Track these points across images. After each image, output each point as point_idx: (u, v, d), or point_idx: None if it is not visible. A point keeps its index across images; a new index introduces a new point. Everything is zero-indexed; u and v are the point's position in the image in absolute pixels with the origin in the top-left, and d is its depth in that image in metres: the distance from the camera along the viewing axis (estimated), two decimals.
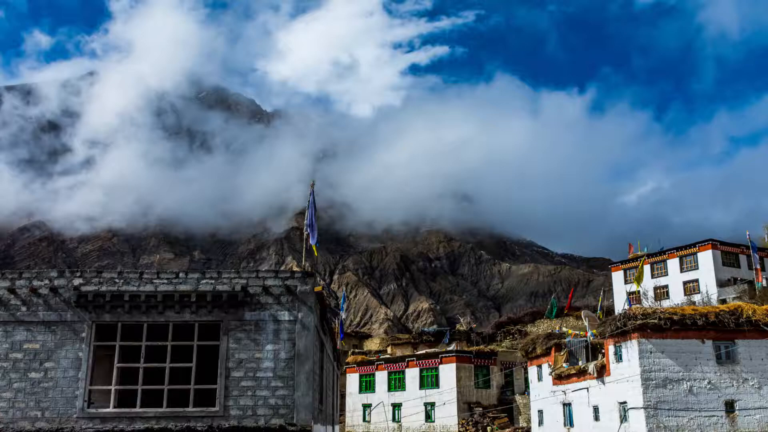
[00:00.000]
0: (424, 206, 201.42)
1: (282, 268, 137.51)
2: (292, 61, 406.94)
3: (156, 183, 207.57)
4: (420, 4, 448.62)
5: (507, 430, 48.26)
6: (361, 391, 59.13)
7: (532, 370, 44.32)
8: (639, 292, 45.21)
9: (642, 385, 30.87)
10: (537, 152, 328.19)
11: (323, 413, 23.23)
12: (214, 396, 18.10)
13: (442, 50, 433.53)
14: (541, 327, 76.68)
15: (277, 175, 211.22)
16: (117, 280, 18.66)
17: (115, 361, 18.41)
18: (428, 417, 53.48)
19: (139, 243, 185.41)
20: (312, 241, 21.93)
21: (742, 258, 62.62)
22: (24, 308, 18.43)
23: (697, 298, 57.52)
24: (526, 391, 50.27)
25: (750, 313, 32.27)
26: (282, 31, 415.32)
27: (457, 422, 51.00)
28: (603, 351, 35.12)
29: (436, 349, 61.60)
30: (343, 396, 56.23)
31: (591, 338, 38.45)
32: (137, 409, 17.99)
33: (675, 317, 31.78)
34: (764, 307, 33.78)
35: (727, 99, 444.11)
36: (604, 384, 34.34)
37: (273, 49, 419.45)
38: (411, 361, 56.52)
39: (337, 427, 33.11)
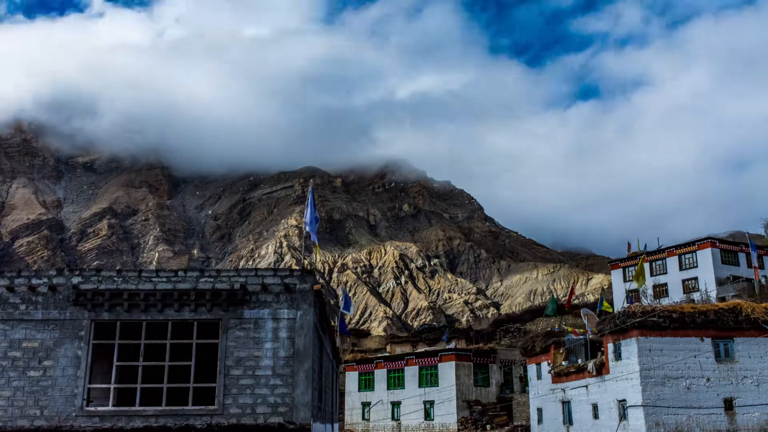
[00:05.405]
0: None
1: (281, 266, 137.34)
2: None
3: None
4: None
5: (506, 428, 48.25)
6: (360, 389, 59.11)
7: (532, 368, 44.30)
8: (638, 290, 45.34)
9: (641, 383, 30.87)
10: None
11: (322, 411, 23.23)
12: (213, 394, 18.07)
13: None
14: (540, 325, 76.79)
15: None
16: (116, 279, 18.61)
17: (114, 360, 18.39)
18: (427, 415, 53.47)
19: (139, 242, 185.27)
20: (313, 239, 21.91)
21: (741, 256, 62.63)
22: (23, 306, 18.38)
23: (696, 296, 57.68)
24: (525, 389, 50.27)
25: (749, 311, 32.29)
26: None
27: (456, 420, 51.00)
28: (602, 349, 35.11)
29: (436, 348, 61.60)
30: (342, 394, 56.23)
31: (590, 336, 38.46)
32: (136, 408, 17.96)
33: (674, 315, 31.80)
34: (763, 304, 33.81)
35: None
36: (603, 382, 34.33)
37: None
38: (410, 359, 56.49)
39: (336, 426, 33.11)
